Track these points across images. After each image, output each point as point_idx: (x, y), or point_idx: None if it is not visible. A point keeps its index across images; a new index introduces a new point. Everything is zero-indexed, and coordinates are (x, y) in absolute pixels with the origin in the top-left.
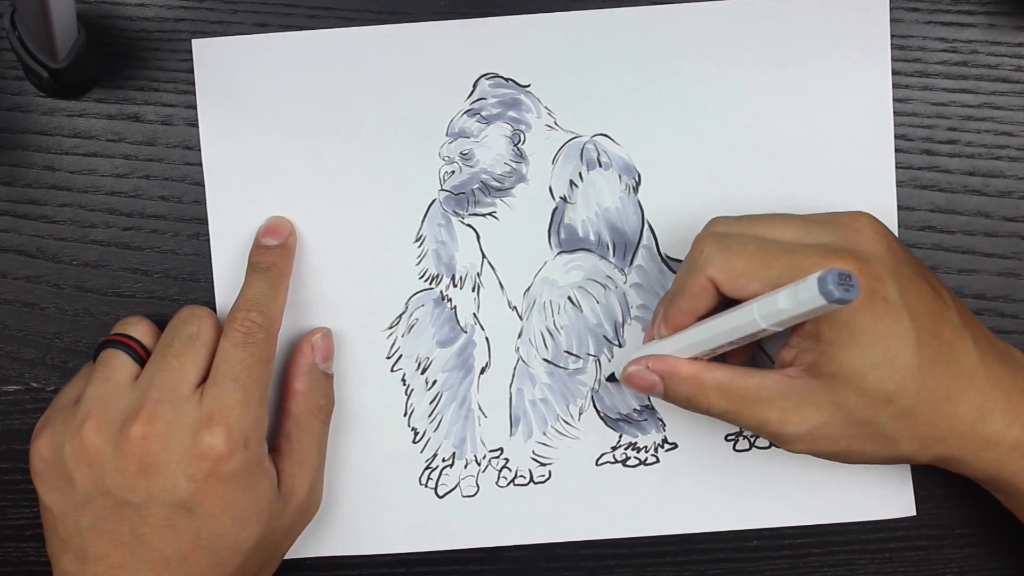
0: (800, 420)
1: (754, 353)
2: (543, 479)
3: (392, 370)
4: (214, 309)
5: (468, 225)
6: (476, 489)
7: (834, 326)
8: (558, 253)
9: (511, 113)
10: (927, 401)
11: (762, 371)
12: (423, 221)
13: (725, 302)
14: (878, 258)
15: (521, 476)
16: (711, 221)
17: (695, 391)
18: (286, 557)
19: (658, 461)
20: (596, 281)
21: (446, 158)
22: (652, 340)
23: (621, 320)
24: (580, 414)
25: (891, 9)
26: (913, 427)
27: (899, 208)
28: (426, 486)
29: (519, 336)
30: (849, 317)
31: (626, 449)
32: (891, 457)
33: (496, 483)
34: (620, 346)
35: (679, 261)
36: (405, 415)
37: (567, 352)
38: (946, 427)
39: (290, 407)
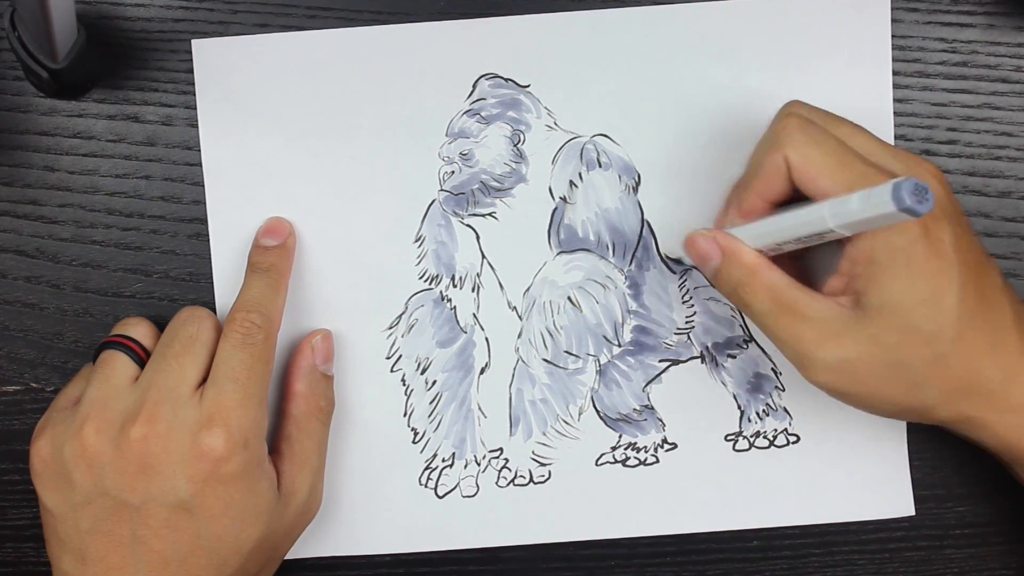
0: (835, 348)
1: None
2: (543, 479)
3: (392, 370)
4: (214, 310)
5: (468, 225)
6: (476, 489)
7: (889, 251)
8: (558, 253)
9: (511, 113)
10: (962, 352)
11: (813, 291)
12: (423, 221)
13: (793, 199)
14: (939, 200)
15: (521, 476)
16: (792, 103)
17: (747, 280)
18: (286, 557)
19: (658, 461)
20: (596, 281)
21: (446, 158)
22: (722, 226)
23: (621, 320)
24: (580, 414)
25: (891, 9)
26: (943, 376)
27: None
28: (426, 486)
29: (519, 336)
30: (905, 245)
31: (626, 449)
32: (912, 407)
33: (496, 483)
34: (619, 346)
35: (679, 261)
36: (405, 415)
37: (567, 352)
38: (975, 382)
39: (290, 408)
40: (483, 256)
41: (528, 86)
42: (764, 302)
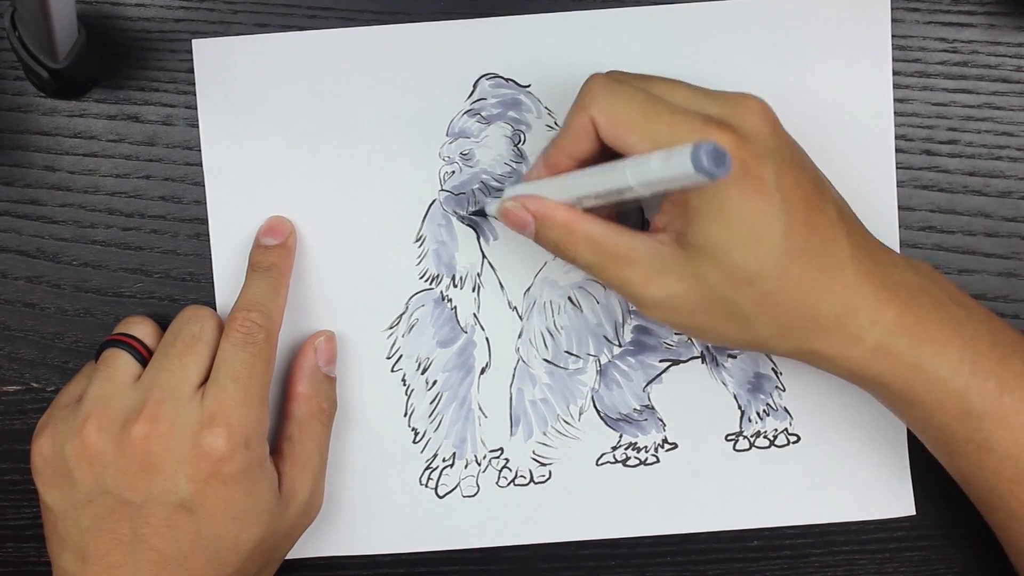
0: (660, 286)
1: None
2: (543, 479)
3: (392, 370)
4: (214, 309)
5: (468, 225)
6: (476, 489)
7: (703, 196)
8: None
9: (511, 113)
10: (790, 288)
11: (633, 232)
12: (423, 221)
13: (604, 156)
14: (760, 138)
15: (521, 476)
16: (610, 70)
17: (566, 238)
18: (286, 557)
19: (658, 461)
20: (596, 281)
21: (446, 158)
22: (529, 180)
23: (621, 320)
24: (580, 414)
25: (891, 9)
26: (773, 313)
27: (899, 208)
28: (426, 486)
29: (519, 336)
30: (719, 190)
31: (626, 449)
32: (748, 341)
33: (496, 483)
34: (620, 346)
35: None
36: (405, 415)
37: (567, 352)
38: (808, 318)
39: (292, 410)
40: (484, 256)
41: (529, 86)
42: (587, 254)
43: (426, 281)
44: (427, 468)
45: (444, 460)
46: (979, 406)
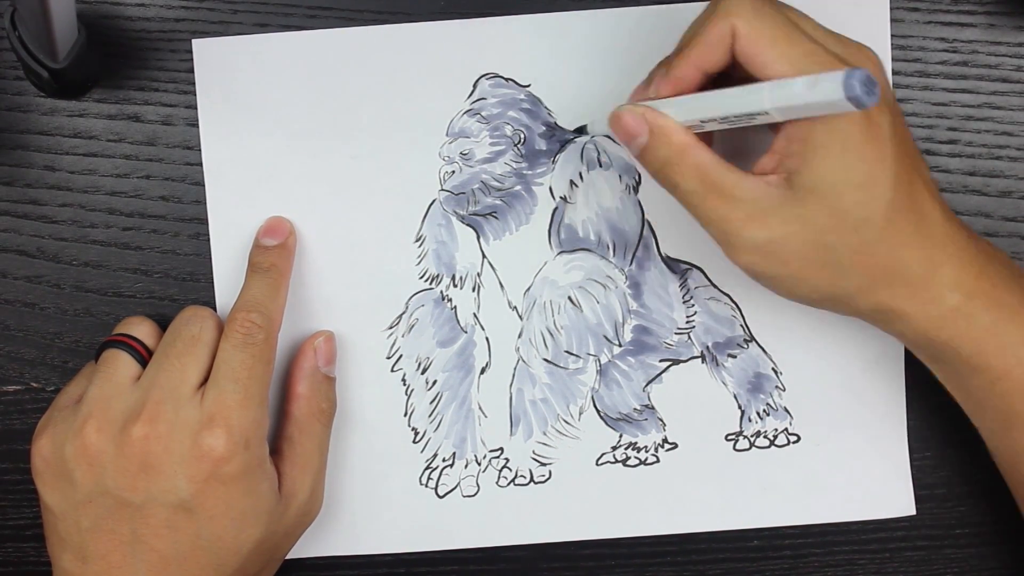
0: (761, 227)
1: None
2: (543, 479)
3: (392, 370)
4: (214, 309)
5: (468, 225)
6: (476, 489)
7: (828, 131)
8: (558, 253)
9: (511, 113)
10: (889, 240)
11: (743, 172)
12: (423, 221)
13: (729, 79)
14: (881, 88)
15: (521, 476)
16: None
17: (676, 159)
18: (286, 557)
19: (658, 461)
20: (596, 281)
21: (446, 158)
22: (644, 96)
23: (621, 320)
24: (580, 414)
25: (891, 9)
26: (868, 264)
27: None
28: (426, 486)
29: (519, 336)
30: (844, 129)
31: (626, 449)
32: (833, 294)
33: (496, 483)
34: (620, 346)
35: (679, 261)
36: (405, 415)
37: (567, 352)
38: (898, 271)
39: (292, 410)
40: (483, 256)
41: (529, 86)
42: (692, 181)
43: (426, 281)
44: (427, 468)
45: (444, 460)
46: None
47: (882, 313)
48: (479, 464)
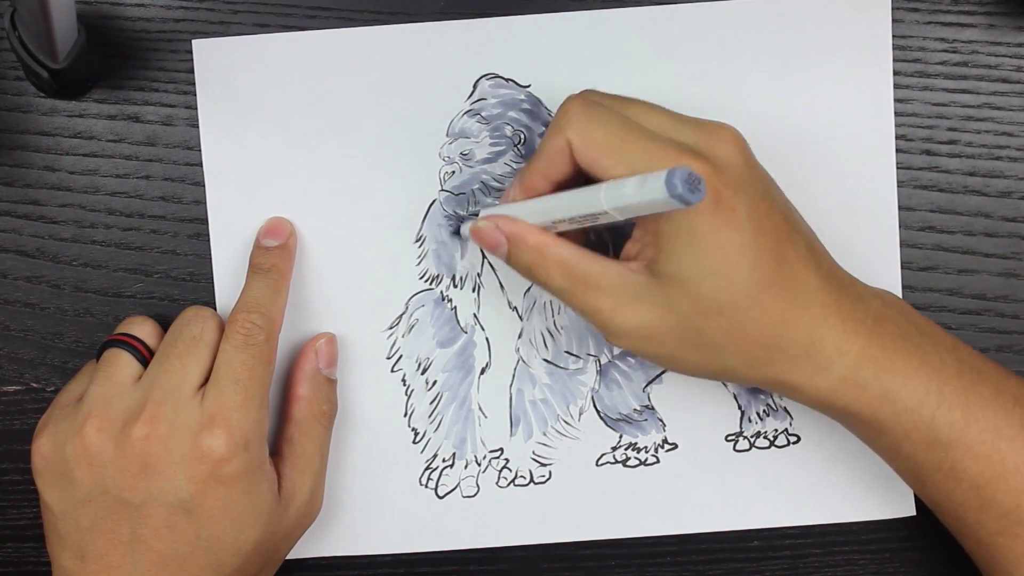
0: (631, 315)
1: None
2: (543, 479)
3: (392, 370)
4: (215, 309)
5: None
6: (476, 489)
7: (674, 224)
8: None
9: (511, 113)
10: (759, 319)
11: (605, 259)
12: (423, 221)
13: (579, 180)
14: (733, 168)
15: (521, 476)
16: (586, 90)
17: (537, 261)
18: (286, 557)
19: (658, 461)
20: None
21: (446, 158)
22: (505, 202)
23: None
24: (580, 414)
25: (891, 9)
26: (742, 343)
27: (899, 208)
28: (426, 486)
29: (519, 336)
30: (692, 219)
31: (626, 449)
32: (718, 371)
33: (496, 483)
34: None
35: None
36: (405, 415)
37: (567, 352)
38: (776, 348)
39: (293, 412)
40: (484, 256)
41: (529, 86)
42: (558, 279)
43: (426, 281)
44: (427, 468)
45: (444, 460)
46: (946, 436)
47: (772, 385)
48: (479, 464)
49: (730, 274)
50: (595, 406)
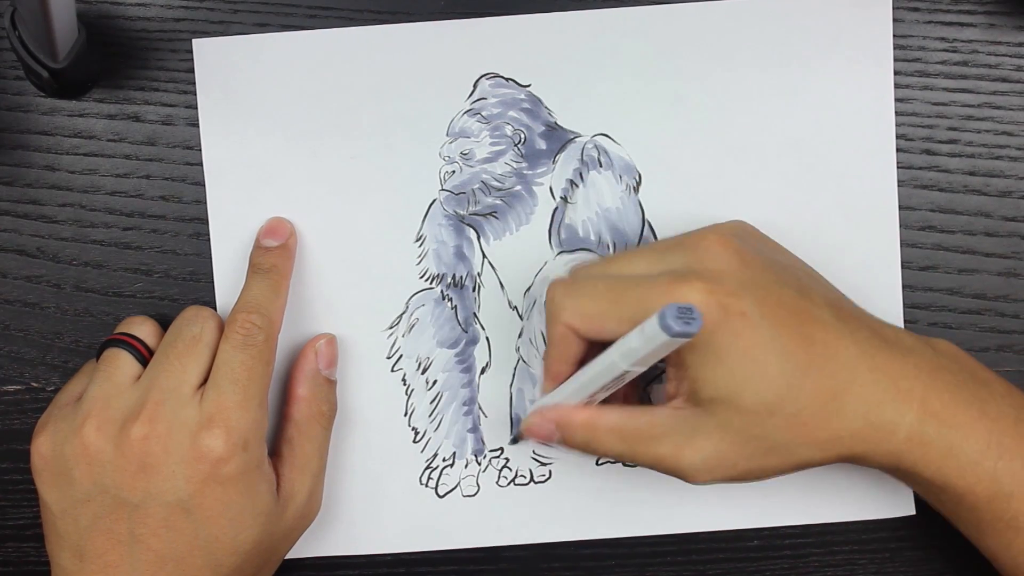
0: (693, 451)
1: (640, 395)
2: (543, 479)
3: (392, 370)
4: (215, 309)
5: (468, 225)
6: (476, 489)
7: (696, 351)
8: (559, 253)
9: (511, 113)
10: (810, 405)
11: (652, 408)
12: (423, 221)
13: (596, 345)
14: (730, 274)
15: (521, 476)
16: (563, 274)
17: (590, 436)
18: (286, 557)
19: None
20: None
21: (446, 158)
22: (544, 395)
23: None
24: None
25: (892, 9)
26: (804, 433)
27: (899, 208)
28: (426, 486)
29: (519, 336)
30: (708, 339)
31: None
32: (795, 465)
33: (496, 483)
34: None
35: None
36: (405, 415)
37: None
38: (838, 426)
39: (292, 412)
40: (484, 256)
41: (529, 86)
42: (615, 445)
43: (426, 281)
44: (427, 468)
45: (444, 460)
46: (1007, 486)
47: (845, 460)
48: (479, 464)
49: (765, 375)
50: None
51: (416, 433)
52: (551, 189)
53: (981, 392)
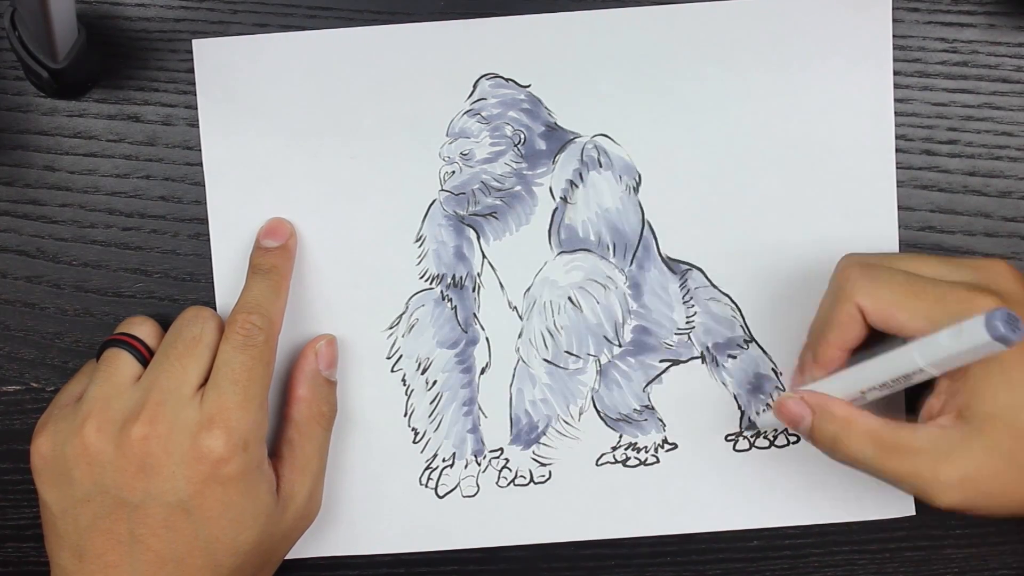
0: (952, 468)
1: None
2: (543, 479)
3: (392, 370)
4: (215, 309)
5: (468, 225)
6: (476, 489)
7: (986, 365)
8: (558, 253)
9: (511, 113)
10: None
11: (913, 423)
12: (423, 221)
13: (870, 340)
14: (1018, 298)
15: (521, 476)
16: (846, 256)
17: (844, 432)
18: (286, 557)
19: (658, 461)
20: (596, 281)
21: (446, 158)
22: (801, 377)
23: (621, 320)
24: (580, 414)
25: (891, 9)
26: None
27: (899, 208)
28: (426, 486)
29: (519, 336)
30: (999, 356)
31: (626, 449)
32: None
33: (496, 483)
34: (620, 346)
35: (679, 261)
36: (405, 415)
37: (567, 352)
38: None
39: (292, 413)
40: (484, 256)
41: (529, 86)
42: (866, 448)
43: (426, 281)
44: (427, 468)
45: (444, 460)
46: None
47: None
48: (479, 464)
49: None
50: (595, 406)
51: (416, 433)
52: (551, 189)
53: None
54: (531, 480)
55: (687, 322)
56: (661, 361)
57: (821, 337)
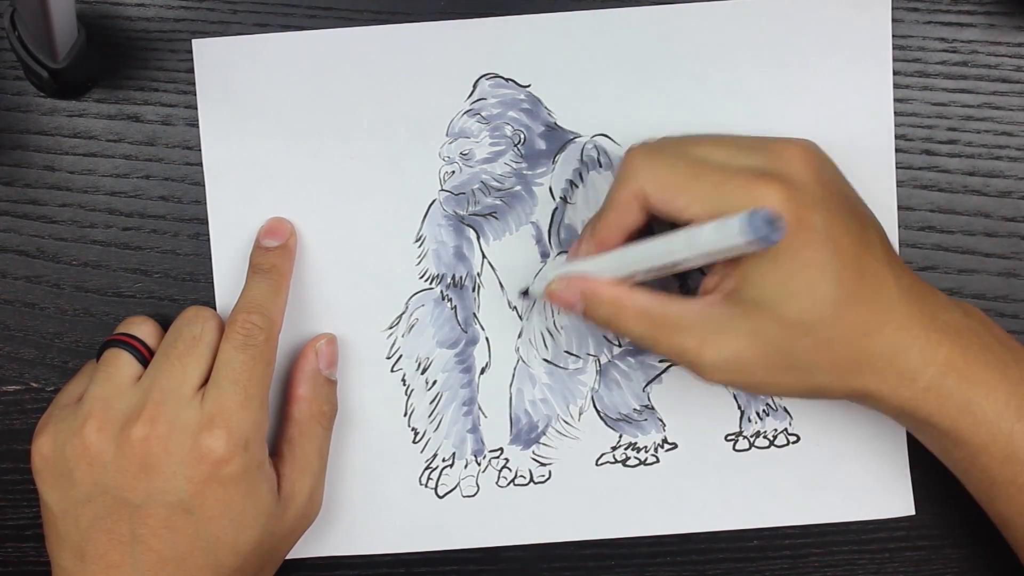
0: (718, 348)
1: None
2: (543, 479)
3: (392, 370)
4: (215, 309)
5: (468, 225)
6: (476, 489)
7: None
8: (558, 253)
9: (511, 113)
10: (845, 334)
11: (683, 299)
12: (423, 221)
13: (650, 227)
14: (806, 187)
15: (521, 476)
16: (646, 139)
17: (615, 313)
18: (286, 557)
19: (658, 461)
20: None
21: (446, 158)
22: (576, 257)
23: None
24: (580, 414)
25: (891, 9)
26: (830, 359)
27: (899, 208)
28: (426, 486)
29: (519, 336)
30: None
31: (626, 449)
32: (808, 390)
33: (496, 483)
34: (620, 346)
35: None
36: (405, 415)
37: (567, 352)
38: (863, 360)
39: (293, 412)
40: (484, 256)
41: (529, 86)
42: (638, 327)
43: (426, 281)
44: (427, 468)
45: (444, 460)
46: (1023, 450)
47: (859, 397)
48: (479, 464)
49: (814, 293)
50: (595, 406)
51: (416, 433)
52: (551, 189)
53: (1005, 356)
54: (531, 480)
55: None
56: (661, 361)
57: (600, 216)
